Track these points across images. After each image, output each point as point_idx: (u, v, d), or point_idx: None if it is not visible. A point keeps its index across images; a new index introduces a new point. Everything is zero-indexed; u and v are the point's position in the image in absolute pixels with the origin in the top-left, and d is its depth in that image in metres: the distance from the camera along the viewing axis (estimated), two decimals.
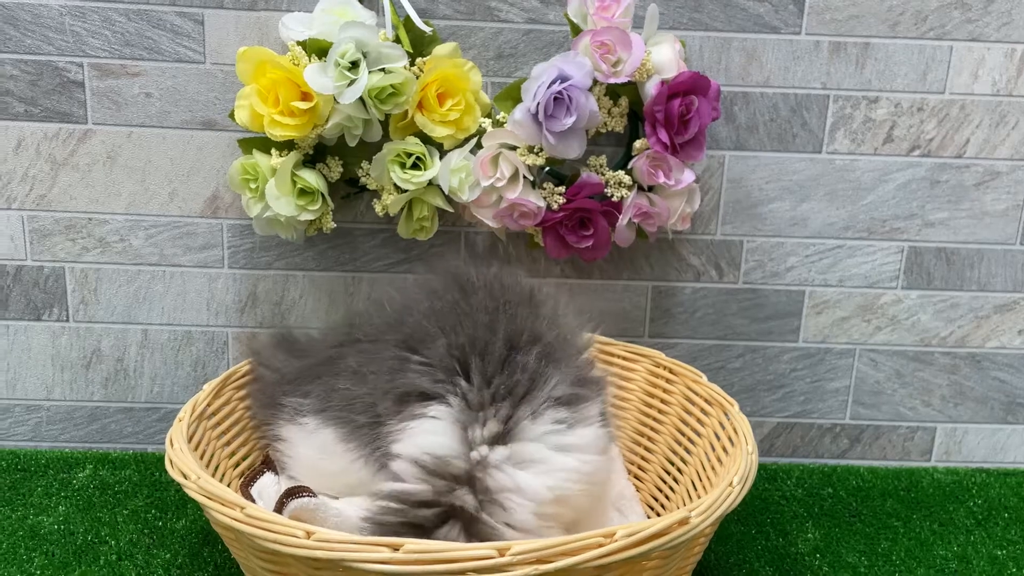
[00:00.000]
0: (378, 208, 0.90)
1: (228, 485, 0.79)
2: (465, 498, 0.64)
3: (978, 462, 1.07)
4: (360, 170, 0.89)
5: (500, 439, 0.67)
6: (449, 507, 0.64)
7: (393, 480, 0.66)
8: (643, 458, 0.91)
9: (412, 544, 0.56)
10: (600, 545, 0.57)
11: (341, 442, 0.73)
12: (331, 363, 0.79)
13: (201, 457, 0.75)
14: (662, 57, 0.87)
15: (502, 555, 0.56)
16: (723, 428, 0.79)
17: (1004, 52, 0.94)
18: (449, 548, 0.56)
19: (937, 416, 1.05)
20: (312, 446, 0.76)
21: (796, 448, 1.06)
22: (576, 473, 0.67)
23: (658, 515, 0.87)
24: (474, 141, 0.88)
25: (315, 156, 0.90)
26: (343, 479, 0.73)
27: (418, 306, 0.77)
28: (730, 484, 0.66)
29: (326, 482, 0.74)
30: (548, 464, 0.67)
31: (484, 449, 0.66)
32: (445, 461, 0.65)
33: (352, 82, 0.82)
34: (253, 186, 0.88)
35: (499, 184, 0.87)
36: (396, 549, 0.56)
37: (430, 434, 0.67)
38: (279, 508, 0.67)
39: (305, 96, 0.83)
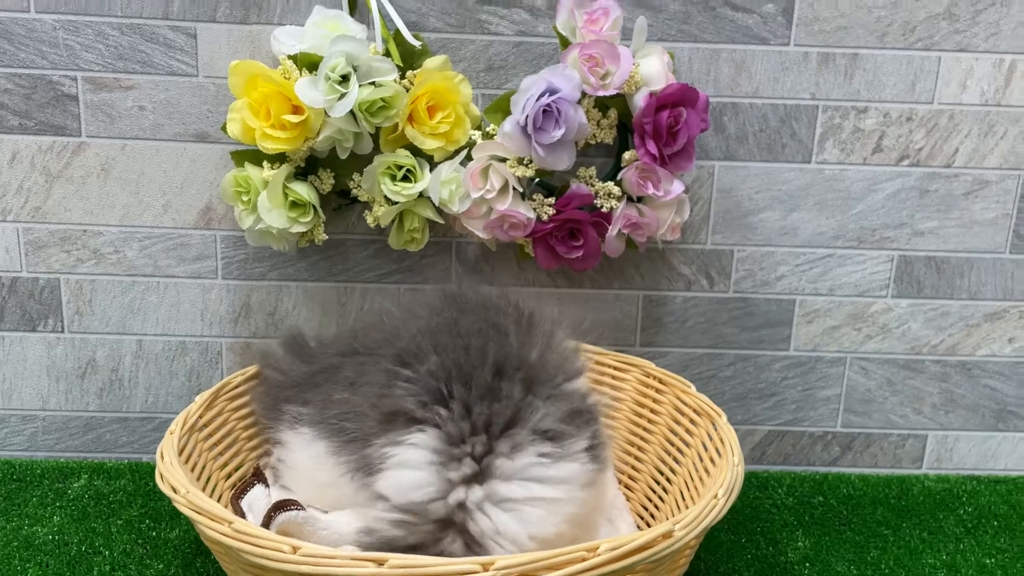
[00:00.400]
0: (369, 220, 0.90)
1: (219, 497, 0.80)
2: (451, 548, 0.65)
3: (969, 469, 1.07)
4: (351, 182, 0.90)
5: (476, 478, 0.66)
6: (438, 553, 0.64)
7: (375, 522, 0.66)
8: (633, 467, 0.91)
9: (397, 559, 0.56)
10: (584, 559, 0.58)
11: (333, 455, 0.73)
12: (331, 372, 0.79)
13: (192, 469, 0.76)
14: (650, 69, 0.87)
15: (486, 569, 0.56)
16: (711, 439, 0.80)
17: (992, 62, 0.94)
18: (434, 563, 0.56)
19: (928, 424, 1.06)
20: (308, 455, 0.76)
21: (787, 456, 1.06)
22: (561, 510, 0.67)
23: (648, 524, 0.87)
24: (464, 153, 0.89)
25: (307, 168, 0.90)
26: (333, 491, 0.73)
27: (415, 322, 0.77)
28: (715, 496, 0.67)
29: (318, 492, 0.74)
30: (527, 504, 0.66)
31: (462, 491, 0.66)
32: (424, 507, 0.65)
33: (343, 96, 0.83)
34: (245, 198, 0.89)
35: (489, 196, 0.88)
36: (381, 564, 0.56)
37: (408, 469, 0.67)
38: (267, 522, 0.67)
39: (296, 109, 0.84)
